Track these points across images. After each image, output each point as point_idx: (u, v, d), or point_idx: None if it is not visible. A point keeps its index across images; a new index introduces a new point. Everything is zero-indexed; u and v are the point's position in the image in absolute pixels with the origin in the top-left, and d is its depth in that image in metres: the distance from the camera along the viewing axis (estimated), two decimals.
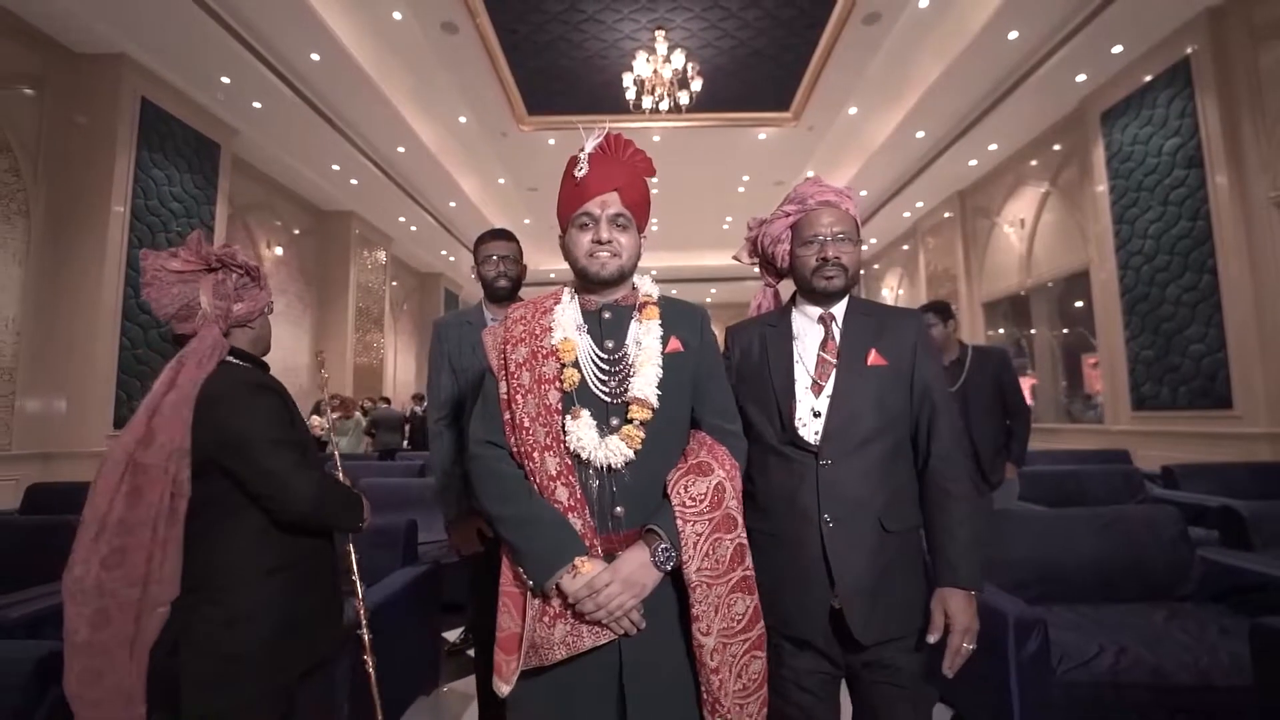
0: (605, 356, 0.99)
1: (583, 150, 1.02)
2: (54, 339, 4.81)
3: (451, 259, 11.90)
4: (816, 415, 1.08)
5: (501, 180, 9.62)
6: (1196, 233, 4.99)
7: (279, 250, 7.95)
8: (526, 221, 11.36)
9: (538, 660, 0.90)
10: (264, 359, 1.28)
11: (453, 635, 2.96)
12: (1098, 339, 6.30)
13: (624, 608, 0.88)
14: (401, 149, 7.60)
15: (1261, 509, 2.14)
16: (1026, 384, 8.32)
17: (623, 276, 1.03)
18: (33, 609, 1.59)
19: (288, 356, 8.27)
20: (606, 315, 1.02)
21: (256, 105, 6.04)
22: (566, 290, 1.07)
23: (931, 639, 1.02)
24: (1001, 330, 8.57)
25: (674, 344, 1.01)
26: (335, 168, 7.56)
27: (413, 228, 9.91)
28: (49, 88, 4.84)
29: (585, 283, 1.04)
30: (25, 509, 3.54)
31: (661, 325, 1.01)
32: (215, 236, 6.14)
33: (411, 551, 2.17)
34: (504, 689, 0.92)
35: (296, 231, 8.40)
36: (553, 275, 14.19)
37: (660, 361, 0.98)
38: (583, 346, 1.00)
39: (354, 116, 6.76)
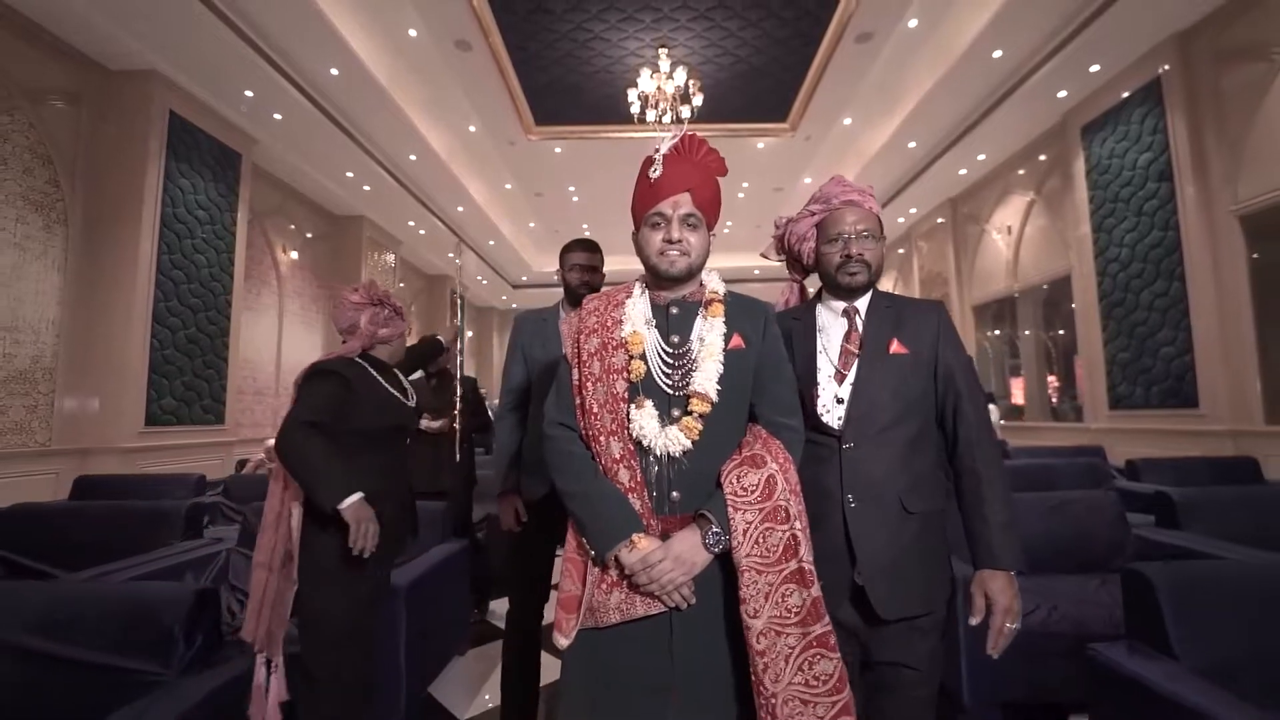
0: (670, 350, 1.04)
1: (658, 151, 1.05)
2: (89, 341, 5.09)
3: (458, 262, 12.15)
4: (840, 402, 1.12)
5: (508, 186, 9.90)
6: (1167, 242, 5.30)
7: (294, 255, 8.23)
8: (532, 225, 11.63)
9: (593, 621, 0.97)
10: (391, 362, 1.75)
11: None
12: (1078, 342, 6.61)
13: (675, 582, 0.93)
14: (413, 156, 7.88)
15: (1190, 494, 2.44)
16: (1017, 385, 8.65)
17: (691, 274, 1.07)
18: (142, 572, 1.89)
19: (304, 356, 8.56)
20: (674, 311, 1.07)
21: (277, 116, 6.32)
22: (638, 284, 1.12)
23: (974, 621, 1.04)
24: (996, 332, 8.88)
25: (736, 340, 1.04)
26: (349, 174, 7.84)
27: (421, 231, 10.19)
28: (85, 103, 5.12)
29: (655, 278, 1.08)
30: (74, 498, 3.84)
31: (725, 322, 1.05)
32: (237, 242, 6.43)
33: (449, 531, 2.47)
34: (563, 642, 0.99)
35: (309, 235, 8.67)
36: (555, 277, 14.47)
37: (721, 358, 1.02)
38: (650, 340, 1.04)
39: (369, 126, 7.04)
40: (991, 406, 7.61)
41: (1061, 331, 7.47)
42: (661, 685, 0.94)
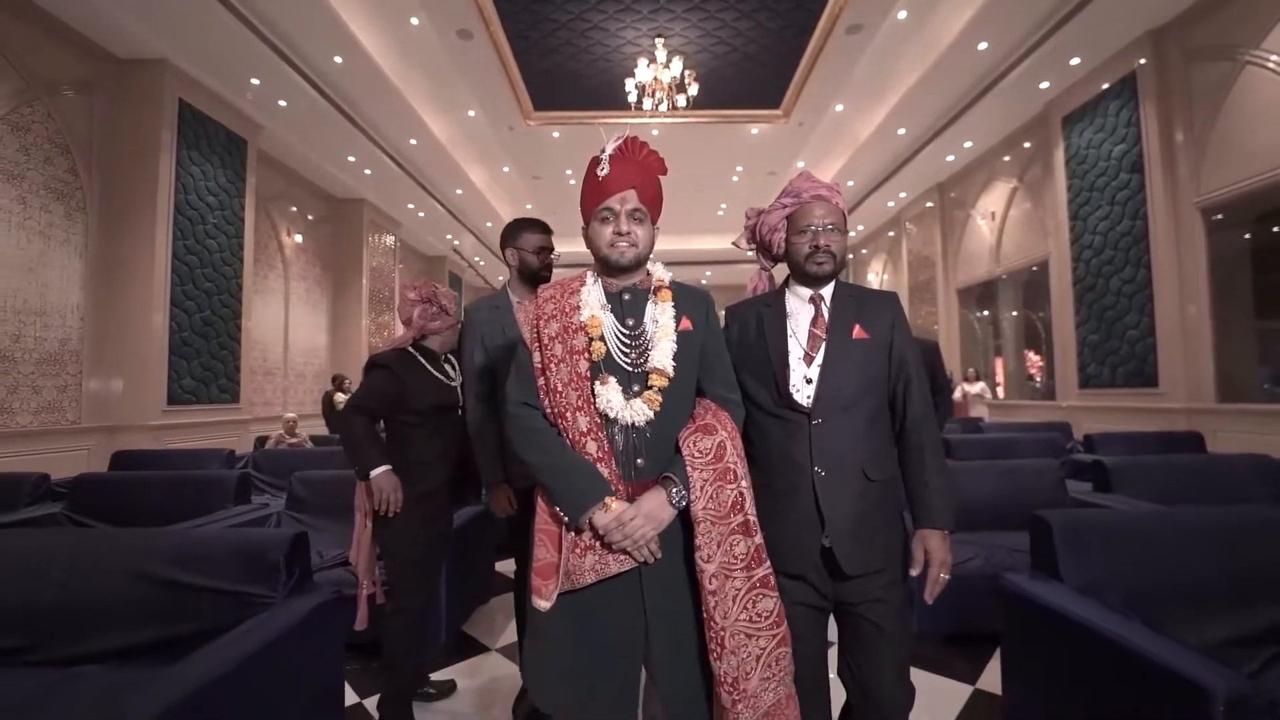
0: (627, 332, 1.13)
1: (604, 152, 1.14)
2: (111, 324, 5.32)
3: (456, 243, 12.34)
4: (809, 382, 1.21)
5: (506, 169, 10.05)
6: (1135, 231, 5.61)
7: (298, 238, 8.41)
8: (529, 206, 11.79)
9: (570, 584, 1.05)
10: (442, 351, 1.99)
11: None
12: (1053, 324, 6.96)
13: (646, 537, 1.03)
14: (413, 141, 8.03)
15: (1123, 462, 2.79)
16: (1001, 365, 9.01)
17: (639, 263, 1.17)
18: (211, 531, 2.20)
19: (310, 336, 8.80)
20: (626, 297, 1.16)
21: (282, 104, 6.46)
22: (590, 273, 1.20)
23: (914, 572, 1.18)
24: (985, 312, 9.17)
25: (685, 323, 1.15)
26: (351, 159, 7.99)
27: (421, 214, 10.35)
28: (98, 91, 5.26)
29: (606, 268, 1.17)
30: (114, 466, 4.14)
31: (674, 306, 1.15)
32: (245, 227, 6.62)
33: (475, 496, 2.79)
34: (544, 605, 1.06)
35: (311, 218, 8.84)
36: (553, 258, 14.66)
37: (675, 338, 1.12)
38: (607, 323, 1.13)
39: (371, 113, 7.19)
40: (981, 384, 8.01)
41: (1040, 314, 7.81)
42: (635, 631, 1.05)
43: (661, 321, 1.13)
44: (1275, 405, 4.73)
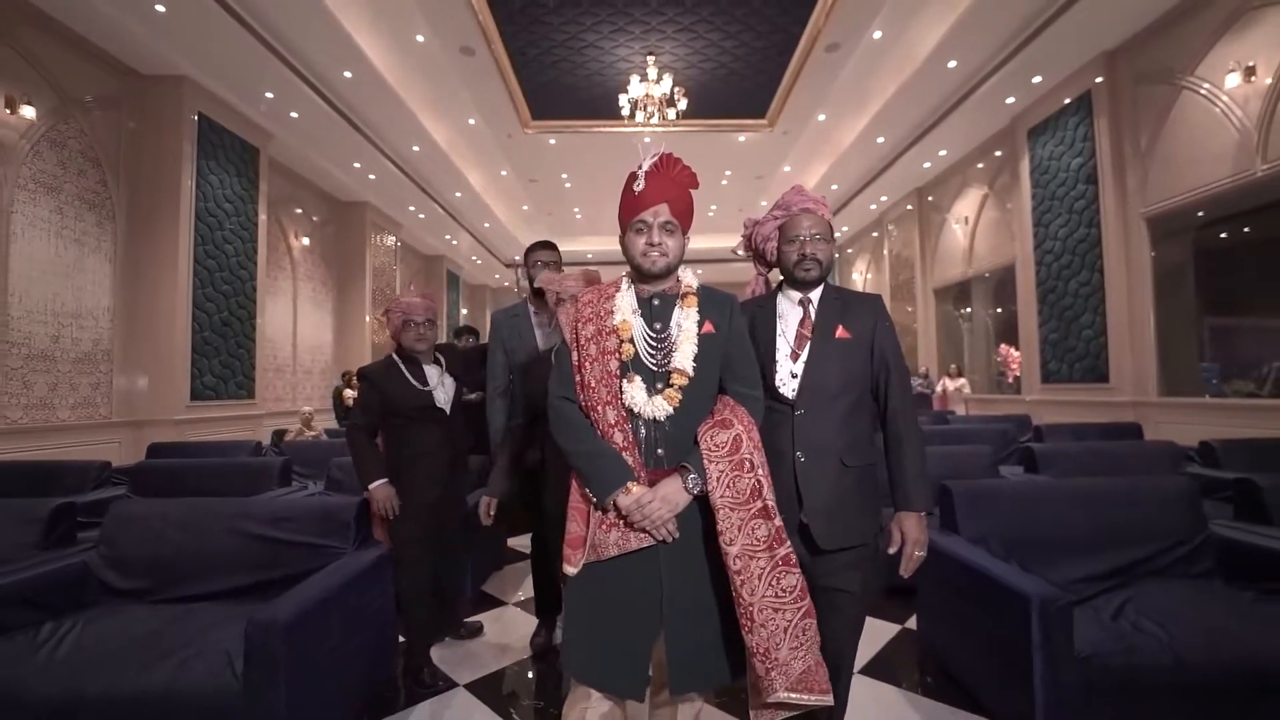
0: (654, 335, 1.22)
1: (640, 168, 1.23)
2: (138, 325, 5.68)
3: (454, 243, 12.70)
4: (794, 377, 1.32)
5: (504, 172, 10.41)
6: (1090, 238, 6.08)
7: (305, 240, 8.76)
8: (525, 208, 12.16)
9: (595, 556, 1.16)
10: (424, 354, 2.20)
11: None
12: (1020, 323, 7.43)
13: (663, 518, 1.13)
14: (416, 148, 8.38)
15: (1047, 447, 3.24)
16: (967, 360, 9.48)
17: (669, 271, 1.26)
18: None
19: (316, 334, 9.17)
20: (656, 302, 1.26)
21: (294, 115, 6.81)
22: (625, 279, 1.31)
23: (891, 550, 1.29)
24: (968, 309, 9.58)
25: (708, 327, 1.23)
26: (356, 165, 8.34)
27: (421, 215, 10.70)
28: (124, 107, 5.60)
29: (639, 275, 1.27)
30: (149, 456, 4.52)
31: (699, 311, 1.23)
32: (259, 231, 6.97)
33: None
34: (571, 571, 1.19)
35: (316, 219, 9.18)
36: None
37: (696, 341, 1.21)
38: (637, 327, 1.23)
39: (377, 122, 7.54)
40: (962, 380, 8.50)
41: (1000, 311, 8.28)
42: (651, 602, 1.14)
43: (685, 326, 1.21)
44: (1207, 399, 5.23)
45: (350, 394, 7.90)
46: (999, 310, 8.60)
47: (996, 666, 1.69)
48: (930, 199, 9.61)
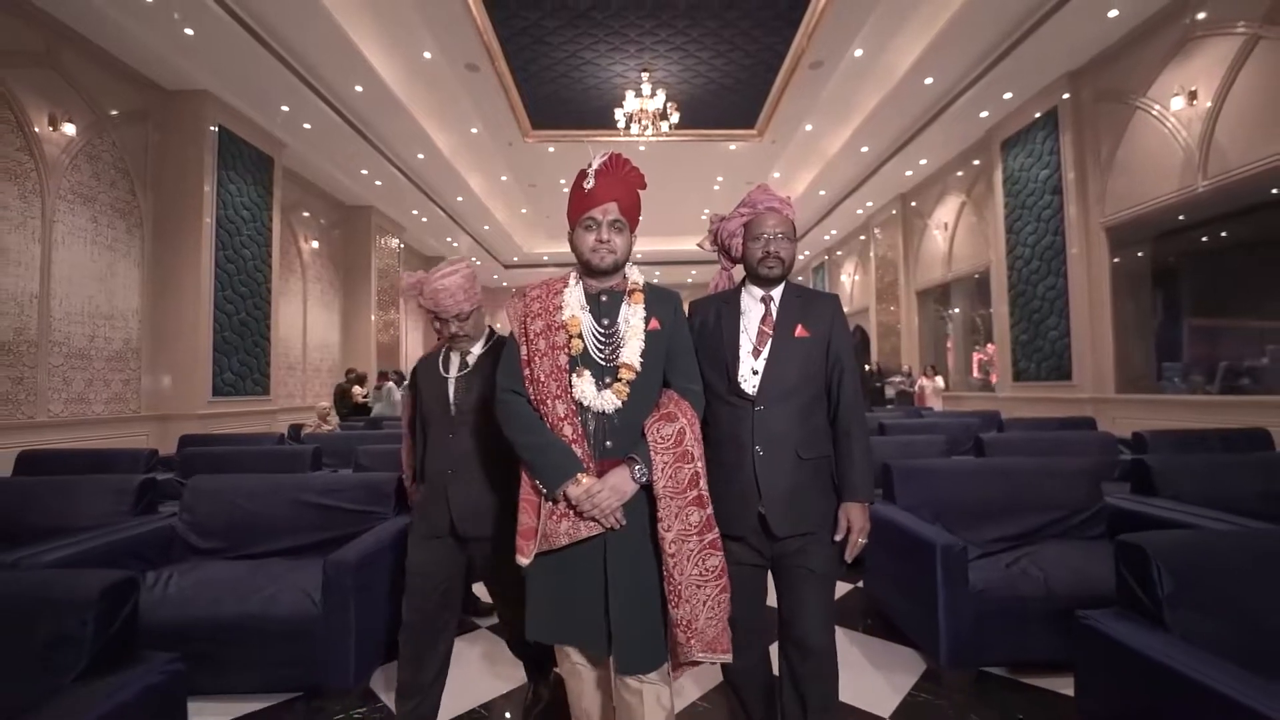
0: (602, 331, 1.25)
1: (590, 167, 1.26)
2: (163, 326, 6.05)
3: (455, 245, 13.08)
4: (755, 373, 1.35)
5: (504, 177, 10.80)
6: (1055, 245, 6.51)
7: (315, 244, 9.13)
8: (524, 211, 12.56)
9: (547, 546, 1.21)
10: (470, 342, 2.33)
11: None
12: (994, 325, 7.86)
13: (611, 507, 1.17)
14: (420, 155, 8.76)
15: (992, 436, 3.67)
16: (950, 359, 9.92)
17: (617, 268, 1.29)
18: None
19: (324, 334, 9.54)
20: (604, 298, 1.28)
21: (306, 126, 7.18)
22: (573, 275, 1.32)
23: (837, 538, 1.34)
24: (955, 311, 10.02)
25: (654, 323, 1.27)
26: (364, 171, 8.72)
27: (423, 219, 11.08)
28: (150, 121, 5.97)
29: (588, 271, 1.29)
30: (181, 447, 4.89)
31: (645, 308, 1.27)
32: (272, 236, 7.34)
33: None
34: (524, 562, 1.23)
35: (323, 222, 9.55)
36: (545, 258, 15.44)
37: (643, 337, 1.24)
38: (585, 322, 1.25)
39: (385, 132, 7.92)
40: (939, 378, 8.93)
41: (978, 314, 8.71)
42: (598, 586, 1.20)
43: (632, 322, 1.25)
44: (1156, 395, 5.67)
45: (359, 391, 8.28)
46: (977, 312, 9.03)
47: (916, 604, 2.09)
48: (914, 204, 10.03)
